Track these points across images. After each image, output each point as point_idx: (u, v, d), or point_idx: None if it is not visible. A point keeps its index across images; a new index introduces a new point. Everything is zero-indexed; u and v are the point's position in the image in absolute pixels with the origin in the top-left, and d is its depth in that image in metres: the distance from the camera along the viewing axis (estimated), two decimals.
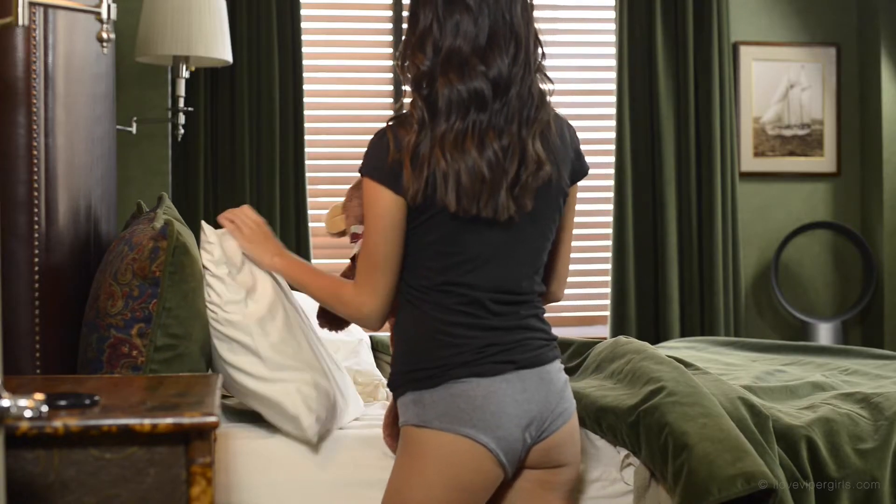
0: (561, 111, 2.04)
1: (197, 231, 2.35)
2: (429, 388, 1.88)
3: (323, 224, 2.46)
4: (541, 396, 1.91)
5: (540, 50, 1.94)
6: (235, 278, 2.29)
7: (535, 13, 1.97)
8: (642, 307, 4.44)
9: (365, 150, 1.97)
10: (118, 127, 3.33)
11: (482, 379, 1.88)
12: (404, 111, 1.99)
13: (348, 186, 2.34)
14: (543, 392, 1.92)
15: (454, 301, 1.91)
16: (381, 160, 1.90)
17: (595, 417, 2.40)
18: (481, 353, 1.89)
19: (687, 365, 2.70)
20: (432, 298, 1.92)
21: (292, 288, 2.31)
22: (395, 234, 1.90)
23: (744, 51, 4.63)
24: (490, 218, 1.87)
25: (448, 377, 1.88)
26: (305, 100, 4.27)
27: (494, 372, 1.88)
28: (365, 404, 2.69)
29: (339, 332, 2.34)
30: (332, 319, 2.28)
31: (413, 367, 1.92)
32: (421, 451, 1.89)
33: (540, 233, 1.96)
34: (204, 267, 2.31)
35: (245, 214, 2.27)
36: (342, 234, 2.34)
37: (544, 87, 1.94)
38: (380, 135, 1.94)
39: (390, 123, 1.96)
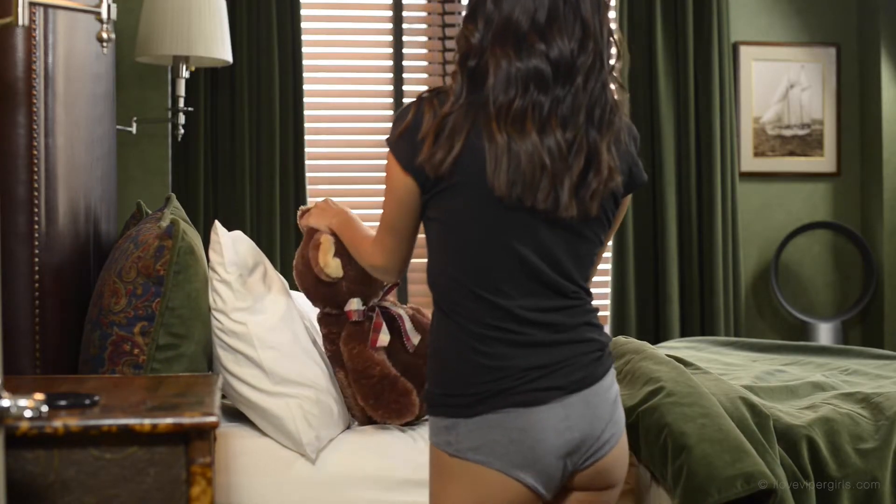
0: None
1: (200, 231, 2.35)
2: (465, 418, 1.73)
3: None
4: (585, 424, 1.74)
5: (614, 49, 1.77)
6: (245, 283, 2.29)
7: None
8: (642, 307, 4.44)
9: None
10: (118, 127, 3.33)
11: (521, 410, 1.71)
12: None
13: (348, 186, 2.34)
14: (588, 419, 1.75)
15: (489, 312, 1.73)
16: (399, 131, 1.76)
17: None
18: (522, 378, 1.71)
19: (687, 365, 2.70)
20: (464, 308, 1.75)
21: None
22: (406, 208, 1.79)
23: (744, 51, 4.63)
24: (545, 212, 1.71)
25: (485, 408, 1.71)
26: (305, 100, 4.26)
27: (536, 401, 1.71)
28: None
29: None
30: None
31: (448, 390, 1.75)
32: (454, 480, 1.76)
33: (592, 238, 1.81)
34: (213, 269, 2.31)
35: (318, 205, 2.36)
36: (338, 280, 2.32)
37: (617, 94, 1.78)
38: (407, 106, 1.78)
39: (424, 95, 1.77)
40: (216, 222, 2.36)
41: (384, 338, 2.35)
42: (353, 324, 2.35)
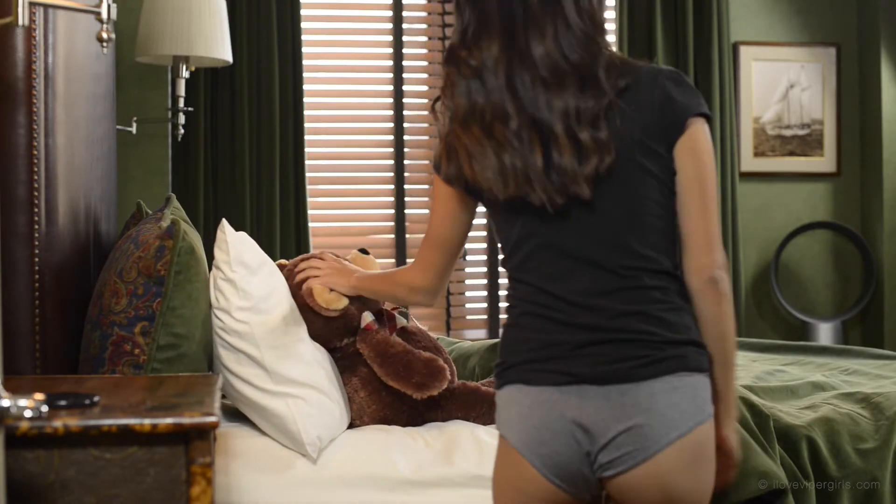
0: None
1: (200, 231, 2.35)
2: (498, 389, 1.73)
3: (319, 223, 2.48)
4: (599, 422, 1.62)
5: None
6: (249, 282, 2.29)
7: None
8: None
9: None
10: (118, 127, 3.33)
11: (531, 388, 1.66)
12: None
13: (348, 186, 2.36)
14: (605, 419, 1.62)
15: (524, 290, 1.71)
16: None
17: None
18: (539, 355, 1.66)
19: None
20: (511, 286, 1.75)
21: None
22: (449, 219, 1.81)
23: (744, 51, 4.63)
24: (542, 207, 1.66)
25: (506, 379, 1.70)
26: (305, 100, 4.26)
27: (545, 381, 1.64)
28: None
29: None
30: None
31: (496, 360, 1.75)
32: (497, 453, 1.77)
33: (626, 213, 1.65)
34: (217, 267, 2.31)
35: (310, 263, 2.37)
36: (344, 311, 2.38)
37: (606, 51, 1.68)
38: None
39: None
40: (223, 221, 2.36)
41: (401, 320, 2.50)
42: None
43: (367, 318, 2.44)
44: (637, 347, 1.62)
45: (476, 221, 1.92)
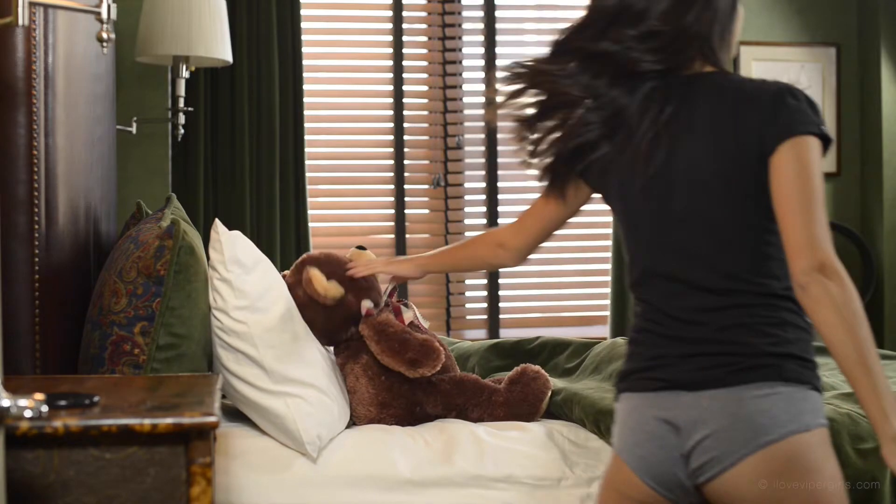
0: None
1: (200, 231, 2.35)
2: (615, 400, 1.79)
3: (319, 223, 2.50)
4: (689, 426, 1.63)
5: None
6: (245, 281, 2.29)
7: (535, 13, 1.90)
8: None
9: None
10: (118, 127, 3.33)
11: (631, 395, 1.72)
12: None
13: (348, 186, 2.38)
14: (695, 420, 1.63)
15: (639, 306, 1.76)
16: None
17: (594, 419, 2.40)
18: (643, 366, 1.70)
19: None
20: (638, 304, 1.78)
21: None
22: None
23: (744, 51, 4.62)
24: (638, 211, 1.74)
25: (618, 389, 1.77)
26: (305, 100, 4.26)
27: (643, 388, 1.69)
28: None
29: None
30: None
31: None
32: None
33: (716, 223, 1.66)
34: (213, 267, 2.31)
35: (362, 256, 2.44)
36: (340, 301, 2.42)
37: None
38: None
39: None
40: (216, 220, 2.37)
41: (408, 313, 2.53)
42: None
43: (367, 304, 2.48)
44: (734, 356, 1.61)
45: (475, 221, 1.93)
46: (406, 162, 4.44)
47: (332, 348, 2.58)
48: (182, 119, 3.70)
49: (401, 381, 2.44)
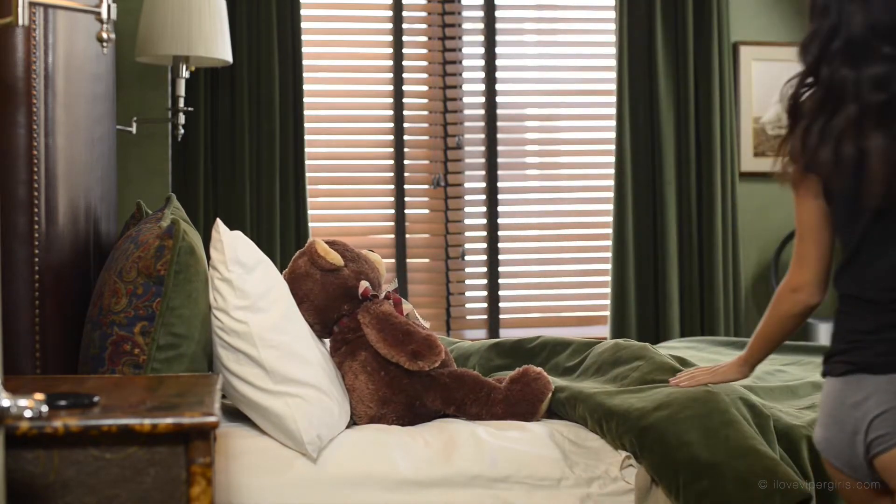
0: (561, 111, 1.99)
1: (200, 231, 2.35)
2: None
3: (319, 223, 2.54)
4: (877, 407, 1.77)
5: None
6: (246, 281, 2.29)
7: (535, 13, 1.91)
8: (642, 307, 4.44)
9: None
10: (118, 127, 3.33)
11: (830, 379, 1.87)
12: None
13: (348, 186, 2.42)
14: (873, 402, 1.77)
15: (845, 284, 1.97)
16: None
17: (598, 419, 2.39)
18: (844, 348, 1.90)
19: (687, 365, 2.70)
20: (838, 282, 1.97)
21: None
22: (807, 205, 1.96)
23: (744, 51, 4.62)
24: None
25: (824, 371, 1.90)
26: (305, 100, 4.26)
27: (838, 372, 1.85)
28: None
29: None
30: None
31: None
32: None
33: None
34: (214, 267, 2.31)
35: (691, 375, 2.43)
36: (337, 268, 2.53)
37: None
38: None
39: None
40: (218, 220, 2.37)
41: (407, 307, 2.58)
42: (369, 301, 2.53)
43: (365, 284, 2.55)
44: None
45: (475, 221, 1.92)
46: (406, 162, 4.44)
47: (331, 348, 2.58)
48: (182, 119, 3.70)
49: (400, 376, 2.44)
